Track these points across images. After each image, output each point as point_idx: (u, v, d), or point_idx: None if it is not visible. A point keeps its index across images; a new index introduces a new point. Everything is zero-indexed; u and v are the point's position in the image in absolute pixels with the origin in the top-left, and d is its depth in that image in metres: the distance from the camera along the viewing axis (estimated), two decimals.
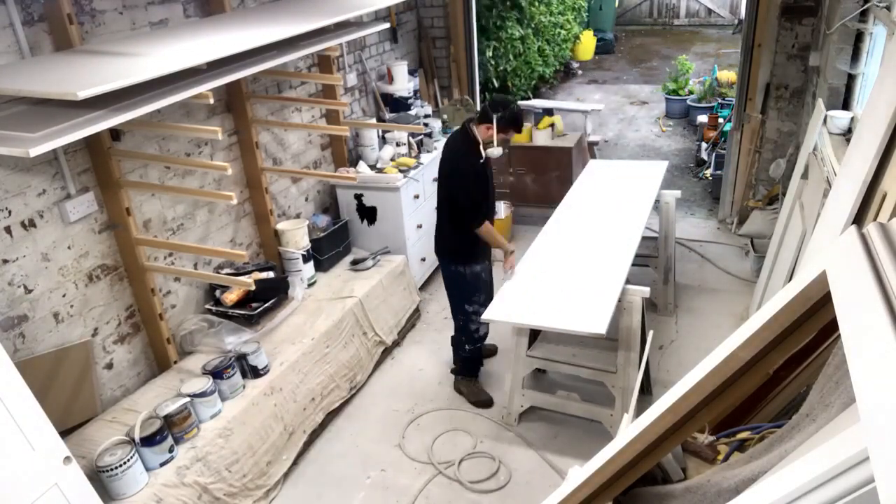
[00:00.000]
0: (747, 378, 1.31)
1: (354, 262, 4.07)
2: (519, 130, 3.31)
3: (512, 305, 2.98)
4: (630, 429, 1.42)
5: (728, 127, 5.53)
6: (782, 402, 1.93)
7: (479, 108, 3.22)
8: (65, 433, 2.50)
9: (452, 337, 3.67)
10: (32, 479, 1.90)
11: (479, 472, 3.09)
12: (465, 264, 3.34)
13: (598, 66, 10.87)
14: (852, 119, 3.23)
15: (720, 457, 1.67)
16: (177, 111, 3.08)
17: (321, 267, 3.93)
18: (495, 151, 3.16)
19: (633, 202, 3.82)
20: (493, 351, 3.92)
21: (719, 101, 7.08)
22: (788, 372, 1.89)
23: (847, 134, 3.19)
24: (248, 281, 2.89)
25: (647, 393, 3.41)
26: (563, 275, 3.15)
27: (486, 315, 2.95)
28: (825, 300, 1.17)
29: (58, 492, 1.95)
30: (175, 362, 3.08)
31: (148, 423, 2.52)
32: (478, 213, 3.20)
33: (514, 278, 3.18)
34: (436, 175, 4.64)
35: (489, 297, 3.35)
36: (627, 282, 3.03)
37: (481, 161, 3.18)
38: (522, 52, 7.06)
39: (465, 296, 3.41)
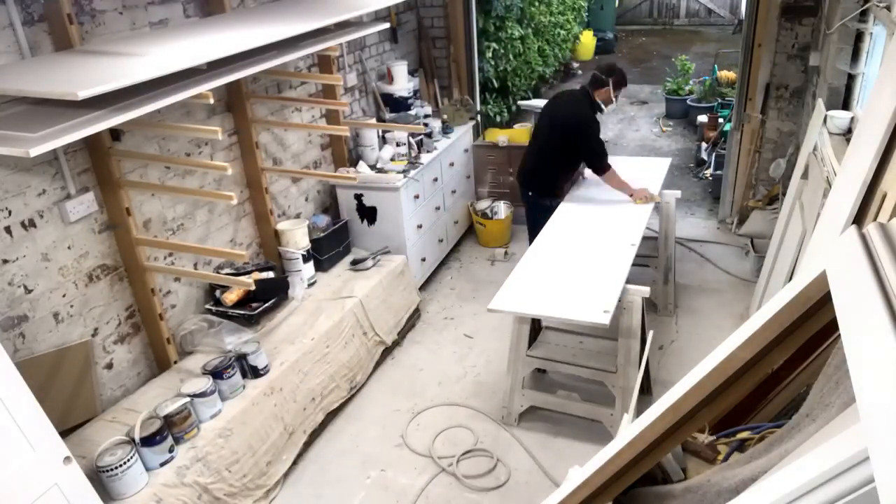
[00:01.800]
0: (747, 378, 1.31)
1: (354, 262, 4.07)
2: (626, 85, 4.01)
3: (516, 297, 2.99)
4: (630, 429, 1.42)
5: (728, 127, 5.53)
6: (782, 402, 1.93)
7: (592, 74, 3.96)
8: (65, 433, 2.50)
9: None
10: (32, 479, 1.90)
11: (478, 471, 3.09)
12: (553, 198, 3.97)
13: (597, 65, 10.85)
14: (852, 119, 3.22)
15: (720, 457, 1.67)
16: (177, 111, 3.08)
17: (321, 267, 3.93)
18: (612, 106, 3.97)
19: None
20: None
21: (719, 101, 7.08)
22: (788, 372, 1.89)
23: (847, 134, 3.18)
24: (248, 281, 2.89)
25: (647, 393, 3.41)
26: (567, 268, 3.17)
27: (491, 306, 2.95)
28: (825, 300, 1.17)
29: (58, 492, 1.95)
30: (175, 362, 3.08)
31: (148, 423, 2.52)
32: (606, 160, 3.83)
33: (522, 269, 3.20)
34: (436, 175, 4.70)
35: None
36: (627, 281, 3.04)
37: (597, 116, 3.92)
38: (522, 52, 7.05)
39: (546, 220, 3.81)
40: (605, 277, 3.04)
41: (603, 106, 3.90)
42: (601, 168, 3.83)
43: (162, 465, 2.53)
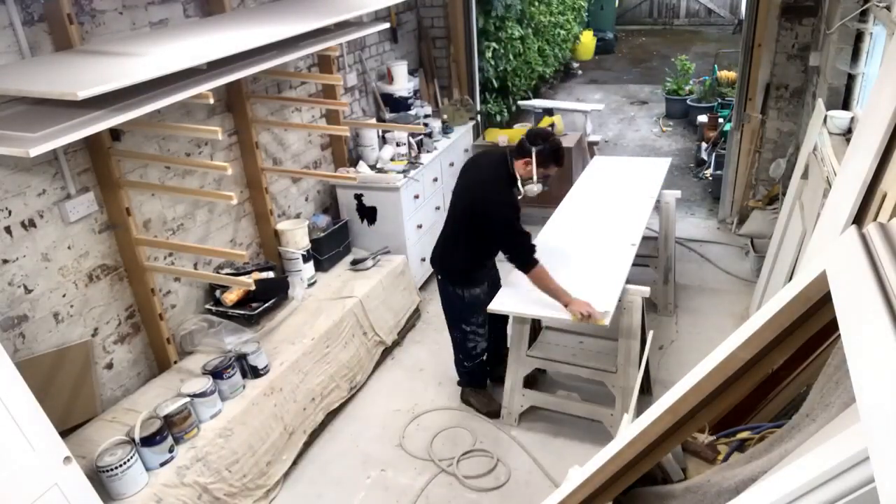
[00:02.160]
0: (747, 378, 1.31)
1: (354, 262, 4.07)
2: (560, 165, 2.99)
3: (516, 298, 2.98)
4: (630, 429, 1.42)
5: (728, 127, 5.53)
6: (782, 402, 1.93)
7: (518, 140, 2.99)
8: (65, 433, 2.50)
9: (454, 355, 3.50)
10: (32, 479, 1.90)
11: (478, 472, 3.09)
12: (465, 287, 3.16)
13: (598, 66, 10.87)
14: (852, 119, 3.22)
15: (720, 457, 1.67)
16: (177, 111, 3.08)
17: (321, 267, 3.93)
18: (534, 188, 2.92)
19: (636, 197, 3.84)
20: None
21: (719, 101, 7.08)
22: (788, 372, 1.89)
23: (847, 134, 3.18)
24: (248, 281, 2.89)
25: (647, 393, 3.41)
26: (568, 268, 3.16)
27: (491, 307, 2.94)
28: (825, 300, 1.17)
29: (58, 492, 1.95)
30: (175, 362, 3.08)
31: (148, 423, 2.52)
32: (528, 254, 2.87)
33: (518, 271, 2.99)
34: (437, 175, 4.69)
35: (486, 319, 3.24)
36: (628, 281, 3.04)
37: (518, 197, 2.97)
38: (522, 52, 7.06)
39: (462, 317, 3.25)
40: (605, 277, 3.04)
41: (521, 184, 2.96)
42: (522, 265, 2.90)
43: (162, 465, 2.53)
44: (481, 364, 3.44)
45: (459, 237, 3.11)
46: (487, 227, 2.95)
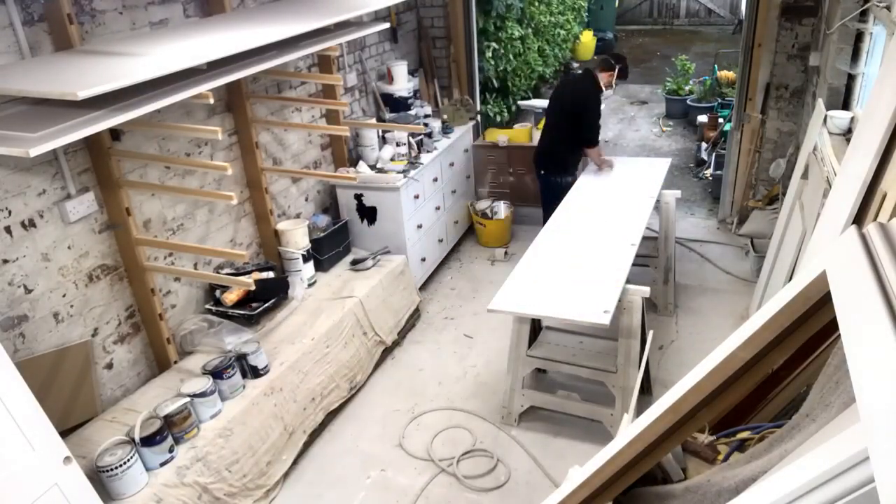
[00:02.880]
0: (747, 378, 1.31)
1: (354, 262, 4.07)
2: (626, 77, 4.55)
3: (516, 298, 2.99)
4: (630, 429, 1.42)
5: (728, 127, 5.53)
6: (782, 402, 1.93)
7: (602, 58, 4.51)
8: (65, 433, 2.50)
9: None
10: (32, 479, 1.90)
11: (478, 471, 3.09)
12: (564, 176, 4.44)
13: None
14: (852, 119, 3.22)
15: (720, 457, 1.67)
16: (177, 111, 3.08)
17: (321, 267, 3.93)
18: (610, 92, 4.49)
19: (636, 196, 3.85)
20: None
21: (719, 101, 7.08)
22: (788, 372, 1.89)
23: (847, 134, 3.18)
24: (248, 281, 2.89)
25: (647, 393, 3.41)
26: (567, 268, 3.17)
27: (491, 306, 2.95)
28: (825, 300, 1.17)
29: (58, 492, 1.95)
30: (175, 362, 3.08)
31: (148, 423, 2.52)
32: (598, 136, 4.42)
33: (521, 270, 3.20)
34: (436, 175, 4.70)
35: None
36: (628, 281, 3.04)
37: (601, 96, 4.39)
38: (522, 52, 7.06)
39: (559, 199, 4.08)
40: (605, 277, 3.04)
41: (604, 88, 4.31)
42: (592, 142, 4.35)
43: (162, 465, 2.53)
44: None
45: (562, 133, 4.40)
46: (584, 113, 4.30)
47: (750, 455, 1.41)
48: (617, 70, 4.32)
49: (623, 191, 3.99)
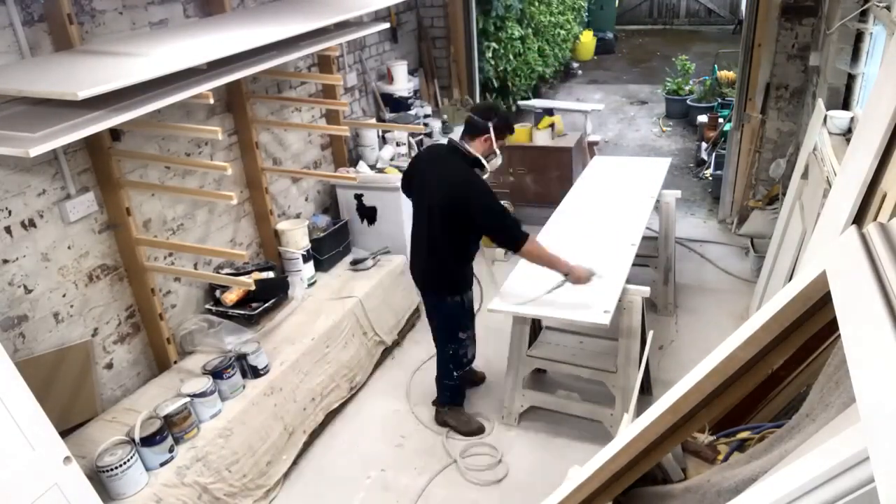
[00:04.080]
0: (747, 378, 1.31)
1: (354, 262, 4.07)
2: (512, 132, 3.13)
3: (516, 298, 2.98)
4: (630, 429, 1.42)
5: (728, 127, 5.53)
6: (782, 402, 1.93)
7: (466, 121, 3.01)
8: (65, 433, 2.50)
9: (438, 372, 3.38)
10: (32, 479, 1.90)
11: (478, 471, 3.09)
12: (462, 293, 3.11)
13: (598, 66, 10.87)
14: (852, 119, 3.22)
15: (720, 457, 1.67)
16: (177, 111, 3.08)
17: (321, 267, 3.93)
18: (497, 161, 3.00)
19: (636, 197, 3.84)
20: (482, 378, 3.69)
21: (719, 101, 7.09)
22: (788, 372, 1.89)
23: (847, 134, 3.18)
24: (248, 281, 2.89)
25: (647, 393, 3.41)
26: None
27: (491, 306, 2.93)
28: (825, 300, 1.17)
29: (58, 492, 1.95)
30: (175, 362, 3.08)
31: (148, 423, 2.52)
32: (520, 232, 2.87)
33: (520, 269, 3.14)
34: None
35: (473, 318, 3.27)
36: (627, 281, 3.03)
37: (484, 177, 2.97)
38: (522, 52, 7.06)
39: (461, 324, 3.18)
40: (605, 277, 3.03)
41: (484, 161, 2.95)
42: (516, 243, 2.88)
43: (162, 464, 2.53)
44: (466, 375, 3.41)
45: (442, 243, 3.01)
46: (474, 220, 2.88)
47: (750, 455, 1.41)
48: (492, 130, 2.91)
49: (623, 191, 3.98)
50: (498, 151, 2.98)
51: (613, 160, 4.68)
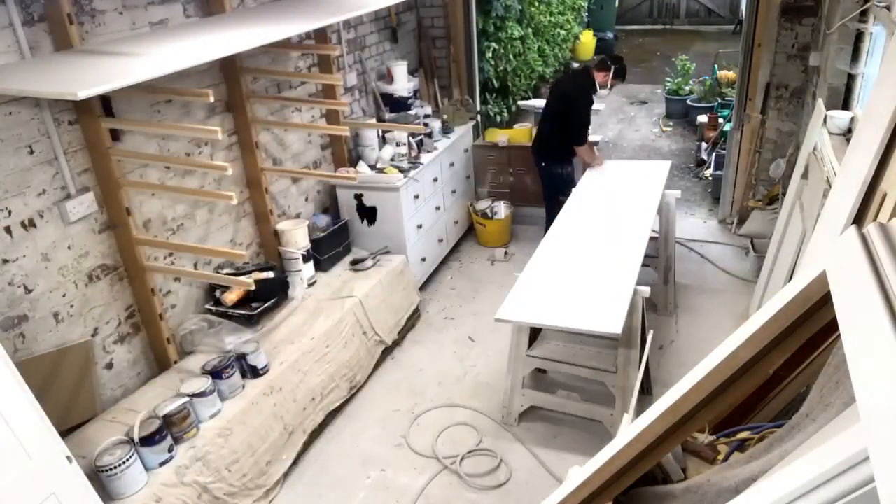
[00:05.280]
0: (747, 378, 1.31)
1: (354, 262, 4.07)
2: (624, 79, 4.47)
3: (523, 306, 2.97)
4: (630, 429, 1.42)
5: (728, 127, 5.53)
6: (782, 402, 1.93)
7: (600, 57, 4.57)
8: (65, 433, 2.50)
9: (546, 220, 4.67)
10: (32, 479, 1.90)
11: (479, 471, 3.09)
12: (563, 166, 4.54)
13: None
14: (852, 119, 3.22)
15: (720, 457, 1.67)
16: (177, 111, 3.08)
17: (321, 267, 3.93)
18: (604, 92, 4.40)
19: (638, 202, 3.82)
20: None
21: (719, 101, 7.09)
22: (788, 372, 1.89)
23: (847, 134, 3.19)
24: (248, 281, 2.89)
25: (647, 393, 3.41)
26: (573, 274, 3.14)
27: (499, 315, 2.92)
28: (825, 300, 1.17)
29: (58, 492, 1.95)
30: (175, 362, 3.08)
31: (147, 423, 2.52)
32: (586, 133, 4.42)
33: (526, 276, 3.17)
34: (436, 175, 4.70)
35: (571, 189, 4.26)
36: None
37: (594, 96, 4.41)
38: (522, 52, 7.06)
39: (561, 189, 4.39)
40: (612, 284, 3.01)
41: (598, 87, 4.34)
42: (578, 140, 4.35)
43: (161, 464, 2.53)
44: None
45: (557, 127, 4.42)
46: (573, 108, 4.32)
47: (750, 455, 1.41)
48: (613, 71, 4.32)
49: (624, 196, 3.95)
50: (609, 87, 4.42)
51: (612, 164, 4.66)
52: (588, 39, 10.92)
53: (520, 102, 6.83)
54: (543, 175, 4.71)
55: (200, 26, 2.97)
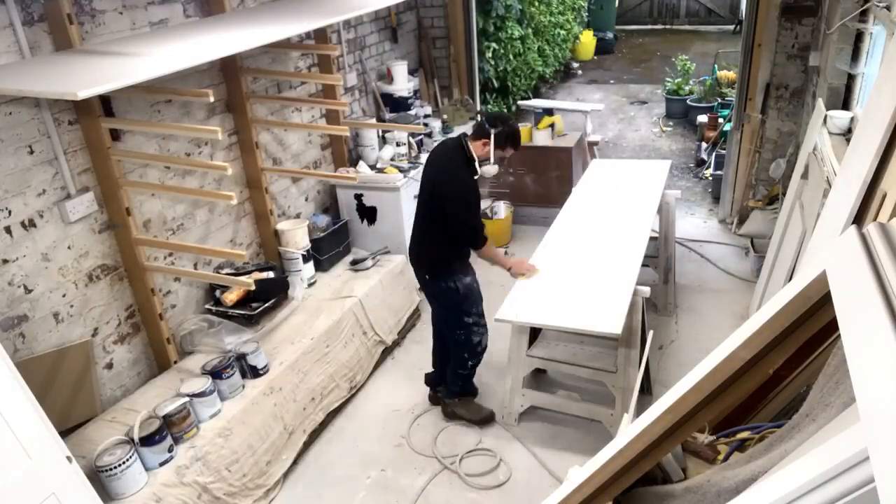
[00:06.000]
0: (747, 378, 1.31)
1: (354, 262, 4.07)
2: (517, 148, 3.09)
3: (522, 306, 2.96)
4: (630, 429, 1.42)
5: (728, 127, 5.53)
6: (782, 402, 1.93)
7: (476, 121, 3.15)
8: (65, 433, 2.50)
9: (448, 365, 3.39)
10: (32, 479, 1.90)
11: (479, 471, 3.09)
12: (455, 279, 3.12)
13: (598, 65, 10.88)
14: (852, 119, 3.23)
15: (720, 457, 1.67)
16: (177, 111, 3.08)
17: (321, 267, 3.93)
18: (490, 170, 3.03)
19: (638, 201, 3.81)
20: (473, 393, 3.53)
21: (719, 101, 7.09)
22: (788, 372, 1.89)
23: (847, 134, 3.19)
24: (248, 281, 2.89)
25: (647, 393, 3.41)
26: (573, 275, 3.14)
27: (499, 315, 2.92)
28: (825, 300, 1.17)
29: (57, 492, 1.95)
30: (175, 362, 3.08)
31: (147, 423, 2.52)
32: (480, 234, 3.09)
33: (526, 278, 3.13)
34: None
35: (480, 304, 3.28)
36: None
37: (475, 178, 3.04)
38: (522, 52, 7.06)
39: (463, 309, 3.18)
40: (613, 284, 3.00)
41: (478, 165, 3.01)
42: (473, 244, 3.13)
43: (161, 464, 2.53)
44: (477, 365, 3.40)
45: (433, 228, 3.10)
46: (447, 205, 2.99)
47: (750, 455, 1.41)
48: (492, 137, 2.97)
49: (624, 196, 3.94)
50: (493, 160, 3.02)
51: (612, 163, 4.65)
52: (588, 39, 10.93)
53: (520, 102, 6.83)
54: (434, 294, 3.28)
55: (200, 26, 2.97)
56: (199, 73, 3.17)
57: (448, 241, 3.09)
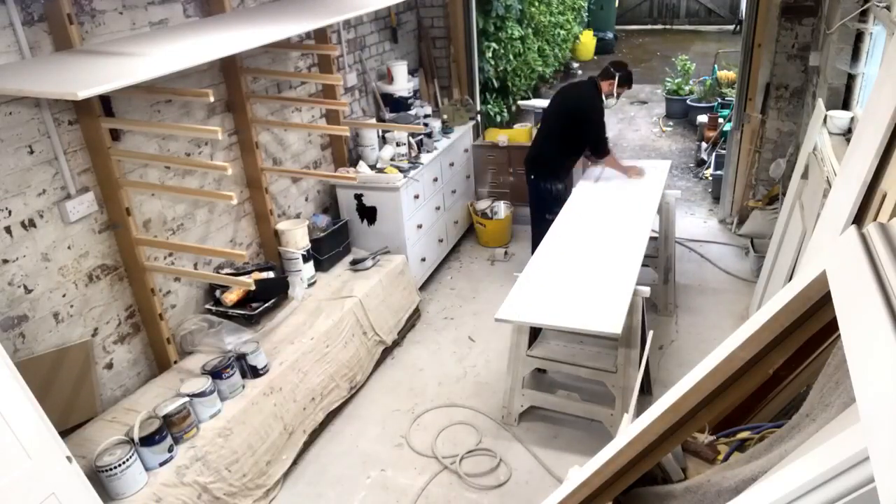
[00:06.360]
0: (747, 378, 1.31)
1: (354, 262, 4.07)
2: (630, 87, 4.26)
3: (523, 306, 2.96)
4: (630, 429, 1.42)
5: (728, 127, 5.53)
6: (782, 402, 1.93)
7: (602, 68, 4.24)
8: (65, 433, 2.50)
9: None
10: (32, 479, 1.90)
11: (479, 471, 3.09)
12: (553, 182, 4.21)
13: (598, 66, 10.87)
14: (852, 119, 3.23)
15: (720, 457, 1.67)
16: (177, 111, 3.08)
17: (321, 267, 3.93)
18: (611, 102, 4.17)
19: (638, 201, 3.81)
20: None
21: (719, 101, 7.09)
22: (788, 372, 1.89)
23: (847, 134, 3.19)
24: (248, 281, 2.89)
25: (647, 393, 3.41)
26: (573, 274, 3.14)
27: (499, 315, 2.92)
28: (825, 300, 1.17)
29: (57, 492, 1.95)
30: (175, 362, 3.08)
31: (147, 423, 2.52)
32: (607, 145, 4.22)
33: (526, 276, 3.15)
34: (436, 175, 4.70)
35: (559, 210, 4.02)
36: None
37: (604, 106, 4.17)
38: (522, 52, 7.06)
39: (549, 207, 4.13)
40: (613, 284, 3.01)
41: (605, 98, 4.12)
42: (603, 152, 4.21)
43: (161, 464, 2.53)
44: None
45: (558, 140, 4.19)
46: (587, 126, 4.13)
47: (750, 455, 1.41)
48: (617, 79, 4.08)
49: (624, 196, 3.94)
50: (616, 96, 4.16)
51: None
52: (588, 39, 10.93)
53: (520, 102, 6.83)
54: (532, 190, 4.36)
55: (200, 26, 2.97)
56: (199, 73, 3.17)
57: (568, 152, 4.25)
